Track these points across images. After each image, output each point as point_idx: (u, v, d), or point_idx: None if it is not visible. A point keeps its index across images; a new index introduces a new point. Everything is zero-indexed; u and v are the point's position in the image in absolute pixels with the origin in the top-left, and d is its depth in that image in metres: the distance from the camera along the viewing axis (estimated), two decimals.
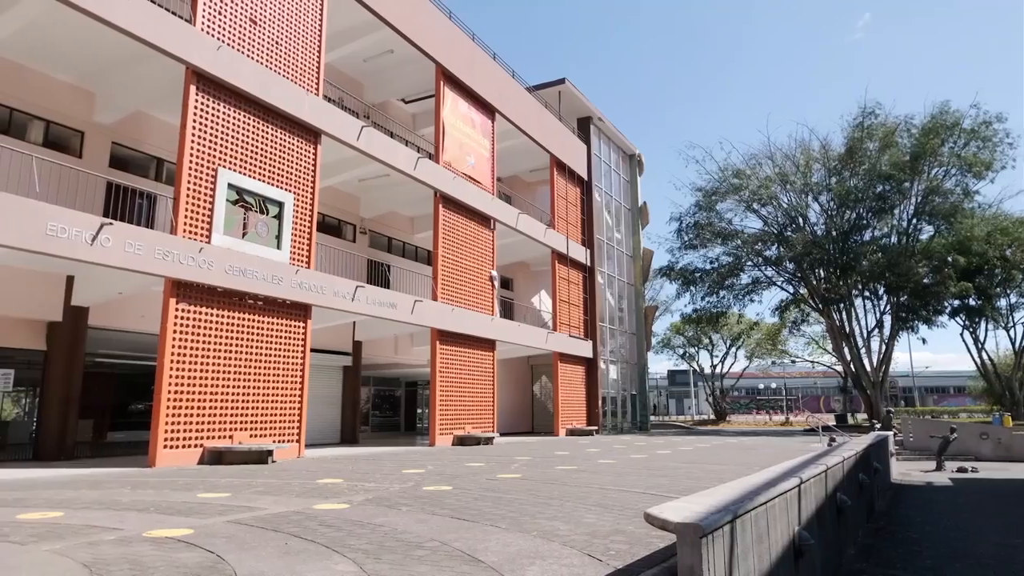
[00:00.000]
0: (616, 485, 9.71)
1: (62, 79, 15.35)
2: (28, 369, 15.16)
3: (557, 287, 29.74)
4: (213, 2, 14.64)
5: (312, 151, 16.95)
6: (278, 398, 15.28)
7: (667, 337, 59.88)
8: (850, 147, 36.18)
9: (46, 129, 15.18)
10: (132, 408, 18.79)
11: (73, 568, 4.61)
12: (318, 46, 17.45)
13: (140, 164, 17.07)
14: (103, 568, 4.57)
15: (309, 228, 16.56)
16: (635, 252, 38.98)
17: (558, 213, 30.24)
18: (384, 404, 31.28)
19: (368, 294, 18.13)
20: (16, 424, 15.18)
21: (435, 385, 20.99)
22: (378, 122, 22.77)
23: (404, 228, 26.39)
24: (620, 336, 36.42)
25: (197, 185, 13.89)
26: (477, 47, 24.91)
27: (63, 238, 11.38)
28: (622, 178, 38.68)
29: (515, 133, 27.48)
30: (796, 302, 41.11)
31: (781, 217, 38.55)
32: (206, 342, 13.79)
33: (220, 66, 14.39)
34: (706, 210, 39.25)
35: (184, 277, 13.26)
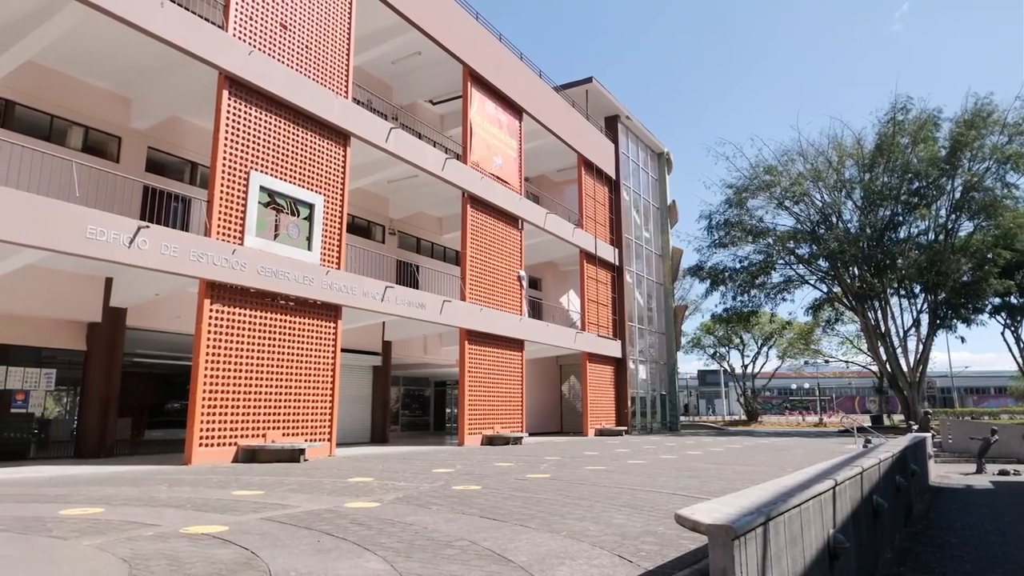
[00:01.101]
0: (646, 486, 9.64)
1: (100, 86, 15.75)
2: (69, 369, 15.58)
3: (585, 287, 29.63)
4: (245, 8, 14.89)
5: (342, 153, 17.14)
6: (310, 397, 15.48)
7: (697, 337, 59.28)
8: (880, 143, 35.43)
9: (85, 135, 15.58)
10: (168, 407, 19.19)
11: (113, 563, 4.72)
12: (347, 49, 17.64)
13: (175, 168, 17.43)
14: (142, 563, 4.68)
15: (339, 229, 16.75)
16: (664, 251, 38.66)
17: (586, 212, 30.13)
18: (413, 404, 31.49)
19: (397, 294, 18.27)
20: (58, 422, 15.62)
21: (464, 385, 21.07)
22: (406, 124, 22.94)
23: (432, 229, 26.53)
24: (649, 336, 36.16)
25: (230, 188, 14.14)
26: (504, 47, 24.94)
27: (102, 241, 11.67)
28: (650, 176, 38.39)
29: (542, 133, 27.45)
30: (830, 301, 40.37)
31: (814, 214, 37.89)
32: (239, 342, 14.03)
33: (252, 71, 14.63)
34: (736, 207, 38.75)
35: (218, 278, 13.51)
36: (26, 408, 14.85)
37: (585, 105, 32.06)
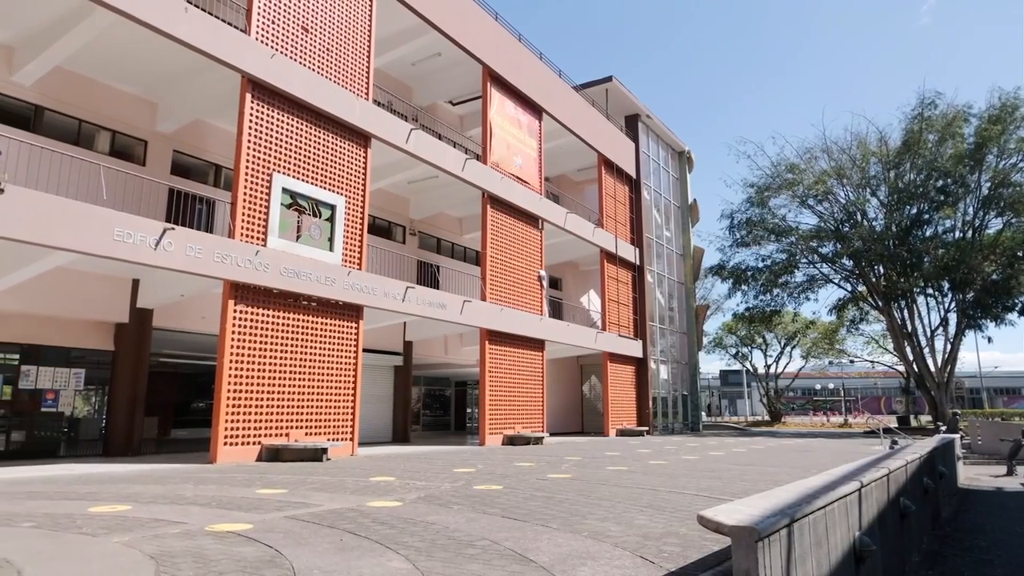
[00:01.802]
0: (668, 487, 9.59)
1: (127, 91, 16.02)
2: (98, 368, 15.87)
3: (606, 286, 29.53)
4: (267, 12, 15.06)
5: (363, 154, 17.26)
6: (332, 397, 15.61)
7: (719, 336, 58.75)
8: (907, 139, 34.86)
9: (112, 139, 15.86)
10: (194, 406, 19.48)
11: (140, 560, 4.80)
12: (367, 51, 17.76)
13: (200, 170, 17.67)
14: (168, 560, 4.75)
15: (360, 230, 16.87)
16: (685, 250, 38.39)
17: (606, 212, 30.02)
18: (435, 403, 31.62)
19: (418, 295, 18.36)
20: (87, 421, 15.92)
21: (484, 385, 21.11)
22: (426, 125, 23.02)
23: (453, 229, 26.61)
24: (671, 335, 35.93)
25: (253, 190, 14.31)
26: (524, 47, 24.94)
27: (129, 243, 11.87)
28: (671, 175, 38.16)
29: (562, 132, 27.41)
30: (854, 300, 39.80)
31: (838, 213, 37.38)
32: (263, 342, 14.19)
33: (274, 74, 14.79)
34: (758, 206, 38.35)
35: (241, 279, 13.67)
36: (56, 407, 15.15)
37: (605, 104, 31.95)
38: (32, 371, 14.83)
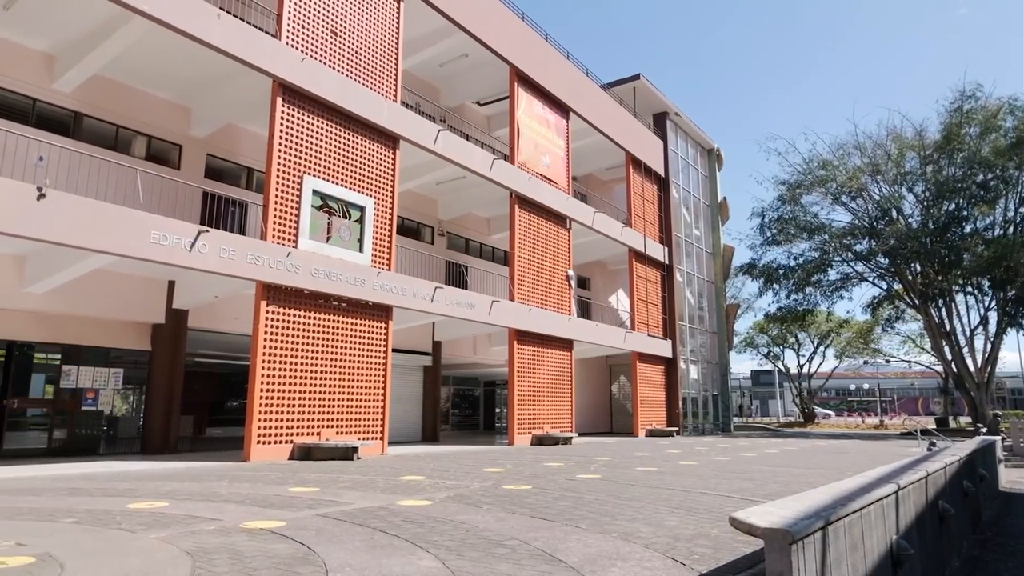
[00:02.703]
0: (698, 488, 9.50)
1: (162, 96, 16.37)
2: (135, 368, 16.25)
3: (635, 286, 29.34)
4: (297, 16, 15.26)
5: (391, 156, 17.39)
6: (362, 397, 15.77)
7: (750, 336, 57.97)
8: (947, 133, 33.99)
9: (148, 144, 16.22)
10: (228, 405, 19.82)
11: (177, 556, 4.91)
12: (395, 53, 17.89)
13: (232, 174, 17.98)
14: (204, 556, 4.85)
15: (389, 231, 17.00)
16: (715, 249, 37.97)
17: (635, 211, 29.84)
18: (463, 403, 31.74)
19: (447, 295, 18.45)
20: (125, 420, 16.30)
21: (513, 385, 21.13)
22: (454, 125, 23.12)
23: (481, 229, 26.68)
24: (700, 335, 35.57)
25: (284, 192, 14.52)
26: (550, 47, 24.90)
27: (165, 245, 12.13)
28: (700, 173, 37.78)
29: (590, 131, 27.31)
30: (890, 298, 38.95)
31: (872, 209, 36.63)
32: (294, 342, 14.38)
33: (304, 78, 14.98)
34: (790, 204, 37.74)
35: (273, 280, 13.88)
36: (96, 406, 15.54)
37: (633, 103, 31.75)
38: (73, 371, 15.24)
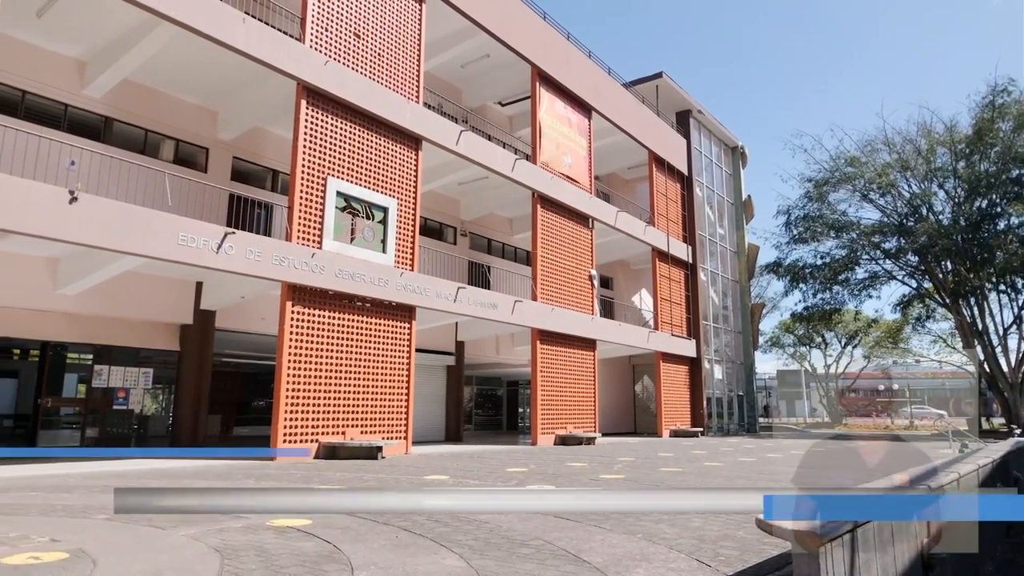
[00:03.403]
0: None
1: (189, 100, 16.63)
2: (164, 368, 16.55)
3: (658, 285, 29.16)
4: (320, 20, 15.41)
5: (414, 157, 17.49)
6: (386, 396, 15.87)
7: (775, 336, 57.32)
8: (978, 129, 33.25)
9: (176, 147, 16.49)
10: (254, 405, 20.08)
11: (206, 553, 4.98)
12: (418, 55, 17.98)
13: (258, 176, 18.22)
14: (232, 554, 4.92)
15: (412, 232, 17.09)
16: (739, 248, 37.59)
17: (658, 210, 29.65)
18: (486, 403, 31.79)
19: (469, 295, 18.50)
20: (155, 418, 16.61)
21: (536, 385, 21.12)
22: (476, 126, 23.17)
23: (503, 229, 26.71)
24: (725, 335, 35.24)
25: (309, 194, 14.67)
26: (572, 46, 24.85)
27: (192, 247, 12.33)
28: (724, 171, 37.43)
29: (612, 130, 27.19)
30: (920, 297, 38.22)
31: (902, 207, 35.97)
32: (319, 343, 14.53)
33: (328, 80, 15.12)
34: (816, 201, 37.18)
35: (298, 281, 14.03)
36: (127, 405, 15.85)
37: (655, 101, 31.56)
38: (104, 370, 15.56)
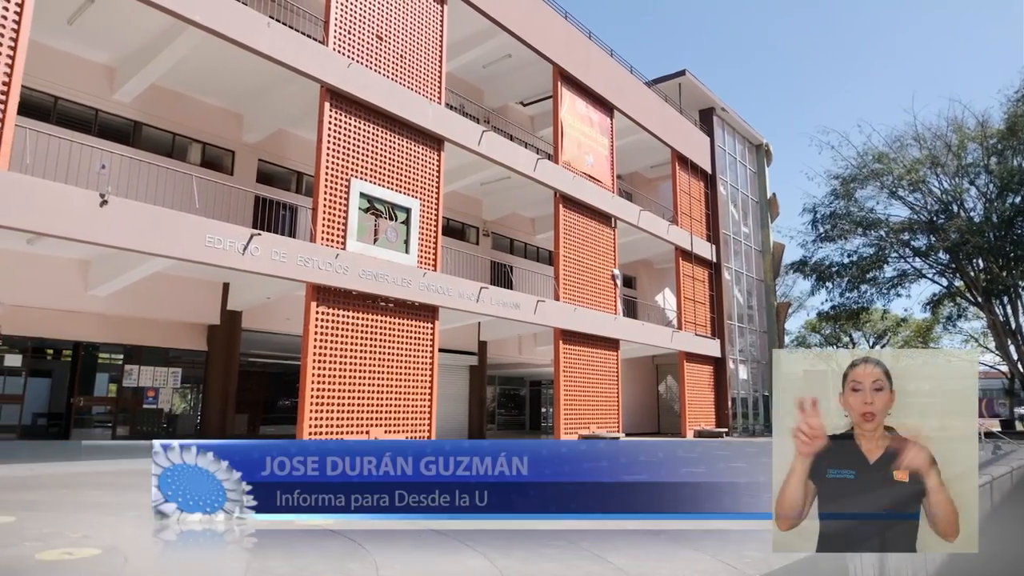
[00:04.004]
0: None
1: (215, 104, 16.88)
2: (192, 368, 16.82)
3: (682, 284, 28.96)
4: (343, 22, 15.54)
5: (436, 158, 17.56)
6: (410, 396, 15.95)
7: (802, 335, 56.54)
8: (1011, 123, 32.51)
9: (203, 150, 16.75)
10: (280, 404, 20.31)
11: (234, 548, 5.05)
12: (439, 56, 18.06)
13: (282, 178, 18.43)
14: (259, 551, 4.98)
15: (435, 232, 17.17)
16: (764, 246, 37.18)
17: (681, 209, 29.44)
18: (509, 403, 31.81)
19: (492, 295, 18.52)
20: (183, 417, 16.88)
21: (559, 384, 21.08)
22: (498, 126, 23.20)
23: (525, 229, 26.70)
24: (750, 334, 34.88)
25: (333, 195, 14.80)
26: (594, 45, 24.77)
27: (219, 248, 12.51)
28: (748, 169, 37.04)
29: (634, 129, 27.06)
30: (951, 296, 37.48)
31: (932, 203, 35.29)
32: (344, 343, 14.65)
33: (350, 82, 15.24)
34: (843, 199, 36.60)
35: (323, 282, 14.17)
36: (156, 404, 16.14)
37: (678, 99, 31.33)
38: (134, 370, 15.86)
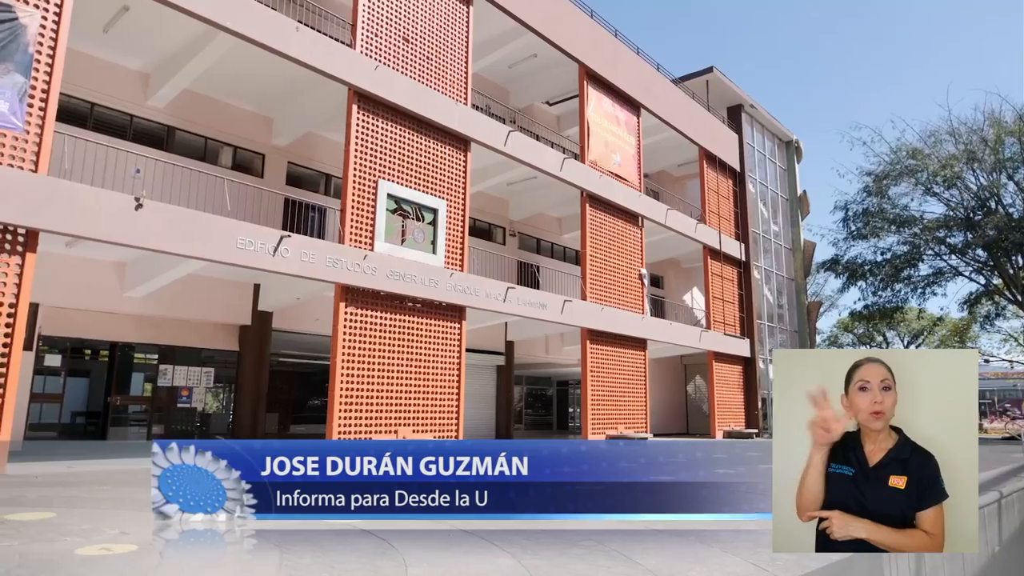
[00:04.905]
0: None
1: (246, 108, 17.16)
2: (224, 368, 17.11)
3: (710, 284, 28.66)
4: (370, 25, 15.67)
5: (463, 158, 17.63)
6: (437, 396, 16.04)
7: (834, 335, 55.60)
8: None
9: (234, 154, 17.03)
10: (310, 403, 20.55)
11: (265, 547, 5.13)
12: (465, 57, 18.12)
13: (311, 180, 18.66)
14: (290, 548, 5.05)
15: (462, 233, 17.23)
16: (795, 245, 36.63)
17: (709, 207, 29.15)
18: (536, 403, 31.79)
19: (519, 295, 18.53)
20: (216, 416, 17.18)
21: (586, 384, 21.01)
22: (524, 126, 23.20)
23: (552, 229, 26.66)
24: (780, 334, 34.39)
25: (361, 197, 14.94)
26: (620, 43, 24.64)
27: (250, 250, 12.71)
28: (778, 167, 36.52)
29: (661, 127, 26.86)
30: (989, 294, 36.56)
31: (968, 199, 34.44)
32: (372, 343, 14.77)
33: (378, 85, 15.37)
34: (876, 196, 35.92)
35: (351, 282, 14.31)
36: (190, 403, 16.46)
37: (706, 96, 31.02)
38: (169, 370, 16.19)
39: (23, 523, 5.88)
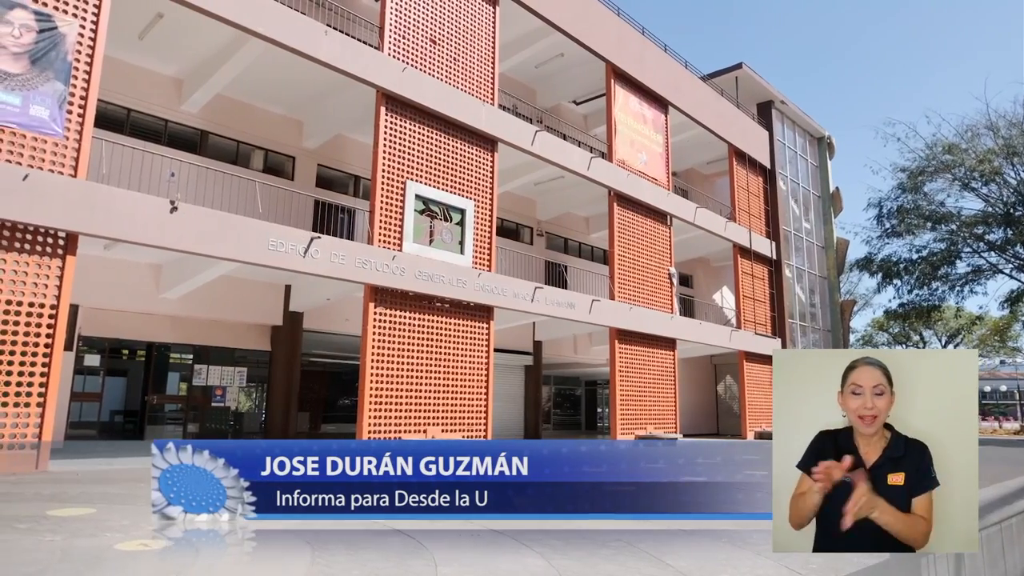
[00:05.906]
0: None
1: (276, 112, 17.41)
2: (257, 367, 17.38)
3: (740, 282, 28.31)
4: (398, 28, 15.79)
5: (490, 159, 17.67)
6: (466, 396, 16.10)
7: (868, 334, 54.57)
8: None
9: (265, 157, 17.30)
10: (340, 403, 20.79)
11: (297, 544, 5.21)
12: (492, 57, 18.16)
13: (340, 182, 18.86)
14: (322, 546, 5.12)
15: (489, 233, 17.27)
16: (827, 242, 36.00)
17: (739, 205, 28.79)
18: (565, 403, 31.73)
19: (546, 295, 18.51)
20: (249, 415, 17.47)
21: (615, 384, 20.91)
22: (551, 126, 23.16)
23: (580, 228, 26.58)
24: (812, 333, 33.83)
25: (389, 198, 15.06)
26: (647, 41, 24.46)
27: (281, 252, 12.90)
28: (810, 163, 35.92)
29: (689, 125, 26.60)
30: None
31: (1008, 195, 33.51)
32: (401, 343, 14.89)
33: (405, 86, 15.49)
34: (911, 192, 35.14)
35: (380, 283, 14.43)
36: (224, 402, 16.76)
37: (735, 92, 30.64)
38: (203, 369, 16.50)
39: (64, 519, 6.05)
